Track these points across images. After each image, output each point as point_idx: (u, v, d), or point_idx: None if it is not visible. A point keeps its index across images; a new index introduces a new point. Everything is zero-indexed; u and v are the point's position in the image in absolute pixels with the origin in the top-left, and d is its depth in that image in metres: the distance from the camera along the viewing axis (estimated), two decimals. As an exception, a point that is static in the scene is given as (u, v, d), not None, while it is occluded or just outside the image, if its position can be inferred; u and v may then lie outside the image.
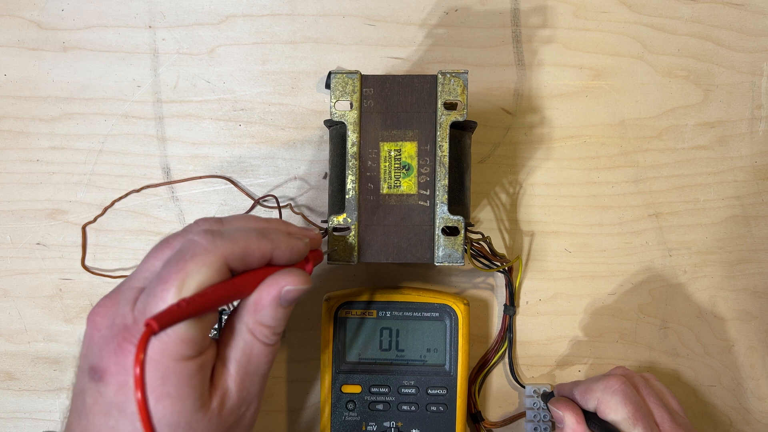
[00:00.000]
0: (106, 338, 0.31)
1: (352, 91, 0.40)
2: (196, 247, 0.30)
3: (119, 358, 0.30)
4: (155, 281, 0.30)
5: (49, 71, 0.48)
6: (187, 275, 0.29)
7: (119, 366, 0.30)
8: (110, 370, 0.30)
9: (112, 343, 0.30)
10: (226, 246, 0.31)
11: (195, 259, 0.30)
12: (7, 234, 0.48)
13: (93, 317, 0.32)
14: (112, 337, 0.30)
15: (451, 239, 0.39)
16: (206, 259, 0.30)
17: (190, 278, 0.29)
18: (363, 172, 0.40)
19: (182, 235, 0.33)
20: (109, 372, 0.30)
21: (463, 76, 0.39)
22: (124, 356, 0.30)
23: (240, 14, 0.49)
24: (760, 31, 0.49)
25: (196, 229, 0.33)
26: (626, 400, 0.40)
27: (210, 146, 0.48)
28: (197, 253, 0.30)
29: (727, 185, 0.49)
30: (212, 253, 0.30)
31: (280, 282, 0.32)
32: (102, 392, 0.30)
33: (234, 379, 0.32)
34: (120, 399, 0.30)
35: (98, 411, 0.30)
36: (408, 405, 0.45)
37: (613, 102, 0.49)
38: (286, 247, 0.33)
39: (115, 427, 0.30)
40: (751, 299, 0.49)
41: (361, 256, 0.39)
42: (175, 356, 0.29)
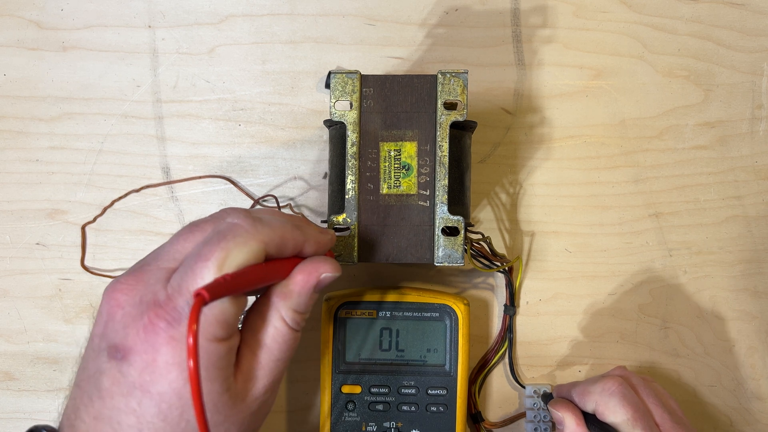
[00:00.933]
0: (132, 316, 0.30)
1: (352, 91, 0.39)
2: (237, 229, 0.30)
3: (148, 336, 0.29)
4: (193, 259, 0.30)
5: (48, 71, 0.48)
6: (228, 254, 0.29)
7: (147, 344, 0.29)
8: (136, 348, 0.29)
9: (139, 320, 0.29)
10: (266, 231, 0.31)
11: (237, 240, 0.30)
12: (6, 234, 0.48)
13: (113, 295, 0.31)
14: (139, 314, 0.30)
15: (450, 239, 0.39)
16: (248, 241, 0.30)
17: (231, 257, 0.29)
18: (363, 172, 0.40)
19: (213, 219, 0.33)
20: (135, 350, 0.29)
21: (463, 76, 0.39)
22: (154, 333, 0.29)
23: (240, 14, 0.49)
24: (760, 31, 0.49)
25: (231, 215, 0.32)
26: (625, 401, 0.40)
27: (210, 146, 0.48)
28: (239, 233, 0.30)
29: (728, 185, 0.49)
30: (254, 236, 0.30)
31: (320, 269, 0.33)
32: (124, 372, 0.29)
33: (261, 365, 0.32)
34: (144, 379, 0.29)
35: (118, 392, 0.29)
36: (408, 405, 0.45)
37: (614, 102, 0.49)
38: (315, 241, 0.34)
39: (137, 408, 0.29)
40: (751, 299, 0.49)
41: (361, 256, 0.39)
42: (209, 336, 0.29)
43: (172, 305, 0.29)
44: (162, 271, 0.31)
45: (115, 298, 0.31)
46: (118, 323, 0.30)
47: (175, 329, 0.29)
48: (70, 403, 0.31)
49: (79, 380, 0.31)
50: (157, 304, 0.29)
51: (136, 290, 0.31)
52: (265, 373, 0.33)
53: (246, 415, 0.32)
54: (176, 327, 0.29)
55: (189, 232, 0.32)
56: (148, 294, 0.30)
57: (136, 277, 0.31)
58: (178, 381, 0.29)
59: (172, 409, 0.29)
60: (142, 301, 0.30)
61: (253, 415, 0.33)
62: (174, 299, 0.29)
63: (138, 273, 0.31)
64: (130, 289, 0.31)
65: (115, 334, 0.30)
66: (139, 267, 0.32)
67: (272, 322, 0.33)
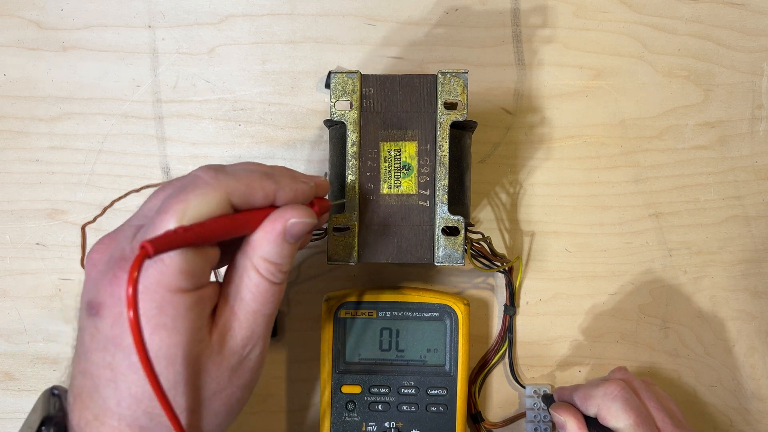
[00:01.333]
0: (102, 272, 0.30)
1: (352, 91, 0.39)
2: (198, 181, 0.30)
3: (114, 289, 0.29)
4: (155, 213, 0.30)
5: (48, 71, 0.48)
6: (187, 206, 0.29)
7: (114, 297, 0.29)
8: (106, 302, 0.29)
9: (107, 275, 0.30)
10: (229, 182, 0.30)
11: (196, 191, 0.29)
12: (6, 234, 0.48)
13: (91, 255, 0.32)
14: (107, 270, 0.30)
15: (451, 239, 0.39)
16: (208, 192, 0.30)
17: (189, 209, 0.29)
18: (363, 172, 0.40)
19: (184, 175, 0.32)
20: (105, 305, 0.29)
21: (463, 75, 0.39)
22: (119, 287, 0.29)
23: (240, 14, 0.49)
24: (760, 31, 0.49)
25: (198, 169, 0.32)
26: (627, 406, 0.40)
27: (210, 146, 0.48)
28: (199, 185, 0.30)
29: (728, 185, 0.49)
30: (214, 187, 0.30)
31: (285, 215, 0.32)
32: (99, 327, 0.30)
33: (237, 317, 0.32)
34: (116, 332, 0.29)
35: (95, 347, 0.30)
36: (408, 405, 0.45)
37: (614, 102, 0.49)
38: (290, 189, 0.33)
39: (111, 362, 0.29)
40: (751, 299, 0.49)
41: (361, 256, 0.39)
42: (172, 287, 0.29)
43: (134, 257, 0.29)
44: (132, 229, 0.31)
45: (91, 258, 0.32)
46: (92, 281, 0.31)
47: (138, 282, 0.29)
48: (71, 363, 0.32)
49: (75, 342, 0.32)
50: (122, 258, 0.30)
51: (108, 249, 0.31)
52: (242, 326, 0.32)
53: (224, 370, 0.31)
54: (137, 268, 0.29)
55: (161, 191, 0.33)
56: (117, 251, 0.30)
57: (110, 237, 0.32)
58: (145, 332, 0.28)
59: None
60: (112, 257, 0.30)
61: (233, 370, 0.32)
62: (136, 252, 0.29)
63: (113, 234, 0.32)
64: (104, 249, 0.32)
65: (89, 292, 0.31)
66: (116, 228, 0.33)
67: (246, 273, 0.32)
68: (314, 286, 0.48)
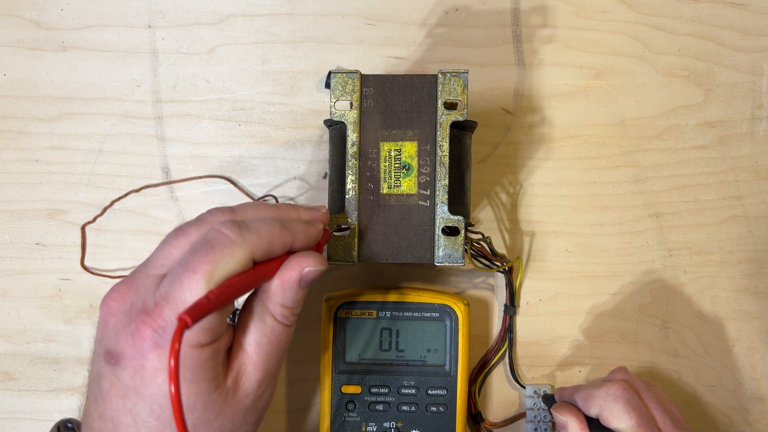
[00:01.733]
0: (122, 323, 0.31)
1: (352, 91, 0.39)
2: (224, 239, 0.31)
3: (136, 342, 0.30)
4: (180, 268, 0.30)
5: (48, 71, 0.48)
6: (215, 266, 0.30)
7: (136, 350, 0.30)
8: (126, 354, 0.30)
9: (129, 327, 0.31)
10: (253, 239, 0.32)
11: (224, 251, 0.31)
12: (6, 234, 0.48)
13: (107, 302, 0.32)
14: (129, 321, 0.31)
15: (451, 239, 0.39)
16: (235, 252, 0.31)
17: (218, 269, 0.30)
18: (363, 172, 0.40)
19: (199, 224, 0.33)
20: (126, 356, 0.30)
21: (463, 75, 0.39)
22: (141, 340, 0.30)
23: (240, 14, 0.48)
24: (760, 31, 0.49)
25: (215, 218, 0.33)
26: (629, 407, 0.40)
27: (209, 146, 0.48)
28: (226, 244, 0.31)
29: (728, 185, 0.49)
30: (240, 246, 0.31)
31: (301, 264, 0.33)
32: (119, 376, 0.31)
33: (253, 361, 0.33)
34: (137, 383, 0.30)
35: (115, 394, 0.31)
36: (408, 405, 0.45)
37: (614, 102, 0.49)
38: (305, 237, 0.35)
39: (132, 409, 0.31)
40: (751, 299, 0.49)
41: (361, 256, 0.39)
42: (193, 344, 0.30)
43: (159, 313, 0.30)
44: (150, 278, 0.32)
45: (108, 305, 0.32)
46: (111, 330, 0.31)
47: (161, 336, 0.30)
48: (84, 401, 0.33)
49: (88, 381, 0.33)
50: (145, 311, 0.31)
51: (127, 297, 0.32)
52: (256, 368, 0.33)
53: (240, 410, 0.33)
54: (162, 335, 0.30)
55: (175, 238, 0.33)
56: (138, 302, 0.31)
57: (128, 285, 0.32)
58: (166, 384, 0.30)
59: (163, 409, 0.31)
60: (132, 308, 0.31)
61: (248, 410, 0.33)
62: (161, 307, 0.30)
63: (130, 281, 0.32)
64: (121, 297, 0.32)
65: (108, 340, 0.31)
66: (131, 275, 0.33)
67: (261, 318, 0.34)
68: (314, 286, 0.48)
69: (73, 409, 0.48)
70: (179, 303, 0.30)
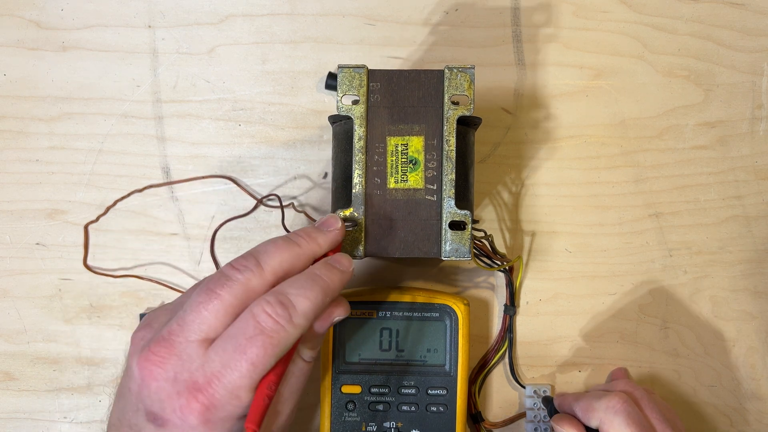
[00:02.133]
0: (168, 392, 0.32)
1: (359, 86, 0.39)
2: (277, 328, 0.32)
3: (185, 415, 0.32)
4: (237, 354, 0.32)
5: (48, 71, 0.48)
6: (270, 356, 0.32)
7: (184, 422, 0.32)
8: (173, 422, 0.32)
9: (176, 399, 0.32)
10: (302, 323, 0.33)
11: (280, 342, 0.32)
12: (6, 234, 0.48)
13: (146, 365, 0.33)
14: (176, 393, 0.32)
15: (458, 234, 0.39)
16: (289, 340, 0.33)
17: (271, 359, 0.32)
18: (370, 167, 0.39)
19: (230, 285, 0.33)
20: (173, 424, 0.32)
21: (470, 71, 0.39)
22: (191, 414, 0.32)
23: (240, 14, 0.48)
24: (760, 31, 0.49)
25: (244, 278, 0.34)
26: (630, 420, 0.40)
27: (210, 146, 0.48)
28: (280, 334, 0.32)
29: (728, 185, 0.49)
30: (293, 333, 0.33)
31: (333, 315, 0.36)
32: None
33: (284, 400, 0.36)
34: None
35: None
36: (408, 405, 0.45)
37: (614, 102, 0.49)
38: (335, 290, 0.36)
39: None
40: (751, 299, 0.49)
41: (368, 250, 0.39)
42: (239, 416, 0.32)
43: (211, 392, 0.32)
44: (192, 346, 0.33)
45: (148, 368, 0.33)
46: (154, 394, 0.32)
47: (210, 412, 0.32)
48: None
49: (120, 418, 0.34)
50: (196, 387, 0.32)
51: (169, 364, 0.33)
52: (287, 406, 0.36)
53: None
54: (212, 411, 0.32)
55: (207, 300, 0.33)
56: (183, 372, 0.32)
57: (168, 350, 0.33)
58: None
59: None
60: (178, 378, 0.32)
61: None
62: (213, 386, 0.32)
63: (168, 345, 0.33)
64: (163, 362, 0.33)
65: (152, 403, 0.32)
66: (167, 335, 0.33)
67: (292, 363, 0.36)
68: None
69: (74, 409, 0.48)
70: (233, 386, 0.32)
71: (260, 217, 0.48)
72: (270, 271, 0.34)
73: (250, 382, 0.32)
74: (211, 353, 0.32)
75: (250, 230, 0.48)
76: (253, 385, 0.32)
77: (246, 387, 0.32)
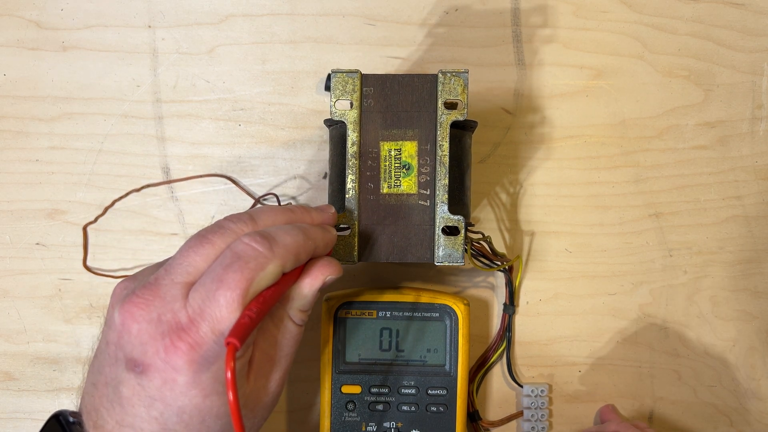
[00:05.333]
0: (151, 334, 0.31)
1: (353, 90, 0.39)
2: (256, 254, 0.32)
3: (169, 356, 0.30)
4: (214, 284, 0.31)
5: (48, 71, 0.48)
6: (250, 284, 0.31)
7: (168, 364, 0.30)
8: (156, 365, 0.30)
9: (160, 340, 0.30)
10: (282, 252, 0.32)
11: (258, 267, 0.31)
12: (6, 234, 0.48)
13: (128, 308, 0.31)
14: (159, 334, 0.31)
15: (451, 239, 0.39)
16: (267, 266, 0.32)
17: (253, 287, 0.31)
18: (363, 172, 0.40)
19: (222, 232, 0.33)
20: (155, 367, 0.31)
21: (463, 75, 0.39)
22: (175, 355, 0.30)
23: (240, 14, 0.48)
24: (760, 31, 0.49)
25: (237, 228, 0.33)
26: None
27: (209, 146, 0.48)
28: (259, 259, 0.31)
29: (728, 185, 0.49)
30: (272, 260, 0.32)
31: (324, 272, 0.35)
32: (144, 385, 0.31)
33: (273, 362, 0.35)
34: (165, 394, 0.31)
35: (138, 402, 0.31)
36: (408, 405, 0.45)
37: (614, 102, 0.49)
38: (324, 244, 0.36)
39: (159, 417, 0.31)
40: (751, 299, 0.49)
41: (362, 255, 0.39)
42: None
43: (195, 330, 0.31)
44: (177, 287, 0.32)
45: (129, 311, 0.31)
46: (135, 338, 0.31)
47: (196, 352, 0.30)
48: (87, 399, 0.33)
49: (95, 380, 0.33)
50: (179, 326, 0.31)
51: (152, 306, 0.31)
52: (276, 368, 0.35)
53: (260, 408, 0.35)
54: (198, 350, 0.31)
55: (198, 245, 0.33)
56: (166, 312, 0.31)
57: (152, 292, 0.32)
58: (198, 398, 0.31)
59: (192, 418, 0.31)
60: (161, 319, 0.31)
61: (265, 407, 0.35)
62: (197, 324, 0.31)
63: (153, 287, 0.32)
64: (145, 304, 0.31)
65: (132, 348, 0.31)
66: (153, 280, 0.32)
67: (282, 323, 0.35)
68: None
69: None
70: (216, 320, 0.30)
71: (260, 217, 0.48)
72: (263, 226, 0.34)
73: (232, 314, 0.30)
74: (193, 291, 0.31)
75: (250, 230, 0.48)
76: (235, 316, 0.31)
77: (228, 318, 0.30)
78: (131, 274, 0.35)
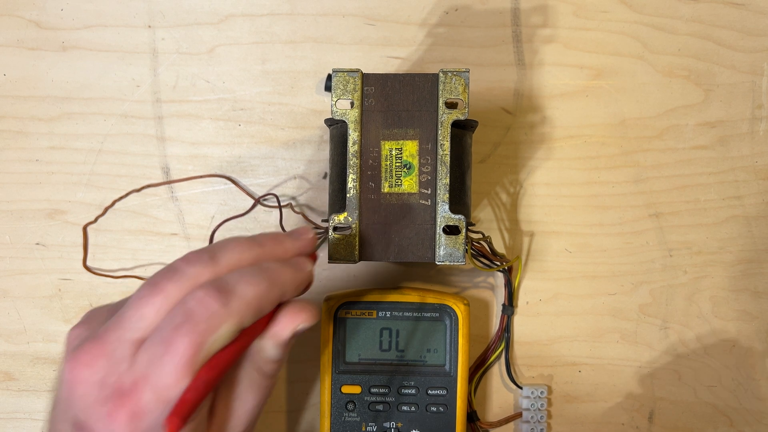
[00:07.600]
0: (93, 397, 0.29)
1: (353, 90, 0.39)
2: (208, 313, 0.28)
3: (110, 425, 0.28)
4: (161, 346, 0.28)
5: (48, 71, 0.48)
6: (200, 348, 0.28)
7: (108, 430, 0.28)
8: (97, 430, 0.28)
9: (103, 405, 0.28)
10: (240, 308, 0.29)
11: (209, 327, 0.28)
12: (6, 234, 0.48)
13: (75, 365, 0.29)
14: (103, 398, 0.28)
15: (452, 238, 0.39)
16: (220, 326, 0.29)
17: (203, 351, 0.28)
18: (364, 171, 0.40)
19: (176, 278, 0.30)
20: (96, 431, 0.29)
21: (464, 74, 0.39)
22: (115, 423, 0.28)
23: (239, 14, 0.48)
24: (760, 31, 0.49)
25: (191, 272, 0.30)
26: None
27: (209, 146, 0.48)
28: (211, 319, 0.28)
29: (728, 185, 0.49)
30: (226, 319, 0.29)
31: (295, 321, 0.32)
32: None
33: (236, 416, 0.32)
34: None
35: None
36: (408, 405, 0.45)
37: (614, 102, 0.49)
38: (294, 288, 0.32)
39: None
40: (751, 299, 0.49)
41: (362, 255, 0.39)
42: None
43: (138, 397, 0.28)
44: (125, 345, 0.29)
45: (77, 370, 0.29)
46: (80, 400, 0.29)
47: (138, 421, 0.28)
48: None
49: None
50: (122, 392, 0.28)
51: (98, 366, 0.29)
52: (240, 422, 0.32)
53: None
54: (138, 421, 0.28)
55: (150, 295, 0.30)
56: (111, 374, 0.29)
57: (99, 348, 0.29)
58: None
59: None
60: (105, 383, 0.29)
61: None
62: (139, 390, 0.28)
63: (100, 344, 0.29)
64: (92, 362, 0.29)
65: (78, 411, 0.29)
66: (102, 334, 0.30)
67: (248, 375, 0.32)
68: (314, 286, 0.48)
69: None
70: (161, 388, 0.28)
71: (260, 217, 0.48)
72: (225, 266, 0.31)
73: (179, 382, 0.28)
74: (140, 352, 0.29)
75: (250, 230, 0.48)
76: (182, 385, 0.28)
77: (174, 387, 0.28)
78: (85, 317, 0.33)
